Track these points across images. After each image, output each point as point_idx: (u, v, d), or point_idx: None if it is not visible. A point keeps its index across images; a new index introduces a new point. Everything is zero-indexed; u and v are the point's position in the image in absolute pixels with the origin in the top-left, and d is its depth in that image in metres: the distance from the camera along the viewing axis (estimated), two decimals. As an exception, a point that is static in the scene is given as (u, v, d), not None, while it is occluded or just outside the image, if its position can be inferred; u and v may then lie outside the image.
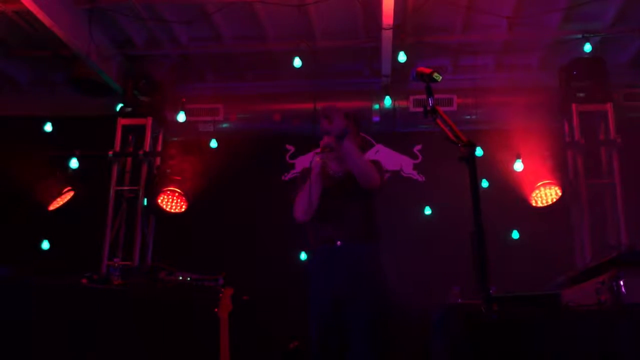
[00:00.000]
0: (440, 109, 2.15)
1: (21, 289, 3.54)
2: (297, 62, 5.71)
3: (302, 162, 6.52)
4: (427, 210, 6.22)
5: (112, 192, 5.91)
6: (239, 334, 3.92)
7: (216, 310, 3.82)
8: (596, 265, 2.36)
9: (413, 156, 6.44)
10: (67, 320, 3.61)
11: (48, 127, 6.19)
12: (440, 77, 2.22)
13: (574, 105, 5.73)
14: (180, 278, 4.39)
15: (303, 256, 6.05)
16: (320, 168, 3.13)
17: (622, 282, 2.03)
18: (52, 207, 5.70)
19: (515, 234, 5.95)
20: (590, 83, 5.72)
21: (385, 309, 3.00)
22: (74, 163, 5.83)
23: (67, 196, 5.76)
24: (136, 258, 5.66)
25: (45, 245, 5.90)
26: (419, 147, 6.44)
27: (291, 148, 6.55)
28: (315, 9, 5.51)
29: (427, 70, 2.27)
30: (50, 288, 3.68)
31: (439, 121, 2.14)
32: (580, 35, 5.67)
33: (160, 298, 3.99)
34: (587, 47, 5.61)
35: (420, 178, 6.40)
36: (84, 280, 4.01)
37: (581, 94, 5.73)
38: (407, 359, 4.92)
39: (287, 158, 6.55)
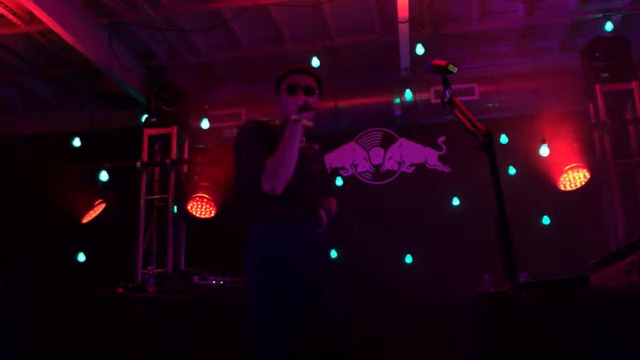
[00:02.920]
0: (458, 99, 2.15)
1: (52, 300, 3.64)
2: (315, 62, 5.74)
3: (326, 160, 6.53)
4: (455, 201, 6.20)
5: (142, 201, 6.03)
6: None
7: (250, 311, 3.87)
8: (626, 246, 2.33)
9: (437, 148, 6.42)
10: (105, 331, 3.70)
11: (76, 142, 6.34)
12: (456, 69, 2.23)
13: (597, 86, 5.64)
14: (214, 282, 4.46)
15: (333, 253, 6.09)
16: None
17: (652, 259, 2.01)
18: (85, 220, 5.83)
19: (546, 220, 5.90)
20: (614, 62, 5.62)
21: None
22: (104, 175, 5.96)
23: (99, 208, 5.88)
24: (169, 265, 5.77)
25: (81, 257, 6.04)
26: (442, 138, 6.42)
27: (316, 147, 6.56)
28: (330, 7, 5.54)
29: (443, 62, 2.28)
30: (86, 299, 3.77)
31: (457, 112, 2.15)
32: (600, 15, 5.59)
33: (195, 302, 4.06)
34: (609, 26, 5.52)
35: (446, 169, 6.38)
36: (120, 290, 4.11)
37: (605, 74, 5.63)
38: (439, 347, 4.94)
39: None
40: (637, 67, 5.66)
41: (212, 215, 5.90)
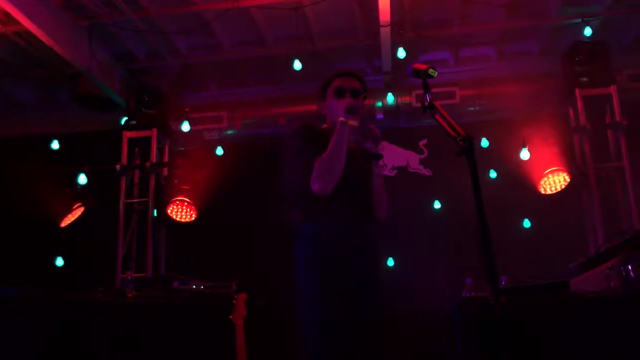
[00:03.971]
0: (438, 104, 2.14)
1: (31, 308, 3.58)
2: (297, 65, 5.72)
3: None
4: (437, 204, 6.22)
5: (121, 205, 5.95)
6: (255, 339, 3.94)
7: (231, 316, 3.84)
8: (605, 250, 2.34)
9: (419, 151, 6.43)
10: (83, 336, 3.64)
11: (55, 145, 6.25)
12: (436, 73, 2.23)
13: (577, 90, 5.68)
14: (194, 287, 4.41)
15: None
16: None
17: (630, 267, 2.01)
18: (63, 224, 5.74)
19: (526, 223, 5.93)
20: (593, 67, 5.67)
21: None
22: (82, 179, 5.88)
23: (78, 212, 5.80)
24: (149, 269, 5.71)
25: (59, 262, 5.96)
26: (424, 141, 6.44)
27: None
28: (312, 10, 5.53)
29: (423, 67, 2.28)
30: (63, 305, 3.71)
31: (437, 117, 2.14)
32: (579, 19, 5.64)
33: (174, 308, 4.01)
34: (587, 31, 5.58)
35: (428, 172, 6.39)
36: (99, 295, 4.04)
37: (584, 79, 5.68)
38: (419, 352, 4.93)
39: (294, 161, 6.55)
40: (616, 72, 5.72)
41: (193, 219, 5.85)
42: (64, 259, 5.98)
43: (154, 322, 3.88)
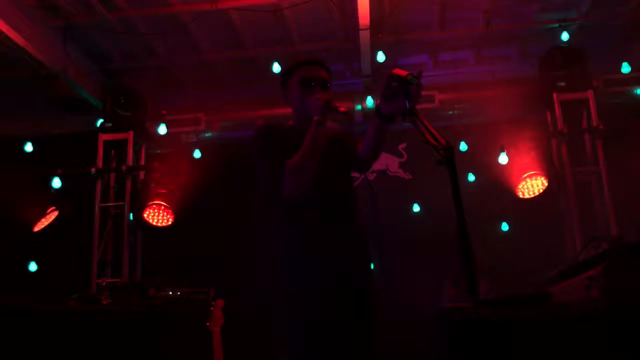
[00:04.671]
0: (419, 111, 2.12)
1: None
2: (276, 68, 5.68)
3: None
4: (416, 208, 6.22)
5: (97, 209, 5.84)
6: (233, 346, 3.89)
7: (208, 323, 3.78)
8: (585, 259, 2.34)
9: (398, 155, 6.42)
10: (55, 345, 3.56)
11: (28, 147, 6.12)
12: (416, 80, 2.20)
13: (555, 95, 5.72)
14: (170, 293, 4.33)
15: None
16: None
17: (610, 278, 2.01)
18: (37, 228, 5.62)
19: (504, 226, 5.96)
20: (570, 72, 5.71)
21: None
22: (56, 182, 5.76)
23: (52, 216, 5.67)
24: (125, 274, 5.61)
25: (33, 267, 5.83)
26: (403, 145, 6.44)
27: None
28: (291, 13, 5.50)
29: (403, 73, 2.26)
30: (35, 313, 3.63)
31: (417, 123, 2.12)
32: (557, 25, 5.68)
33: (150, 315, 3.94)
34: (565, 36, 5.62)
35: (407, 176, 6.39)
36: (72, 303, 3.95)
37: (562, 83, 5.72)
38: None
39: (273, 164, 6.50)
40: (592, 77, 5.77)
41: (170, 223, 5.75)
42: (37, 263, 5.85)
43: (128, 329, 3.80)
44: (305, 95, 2.56)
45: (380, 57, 5.59)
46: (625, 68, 5.59)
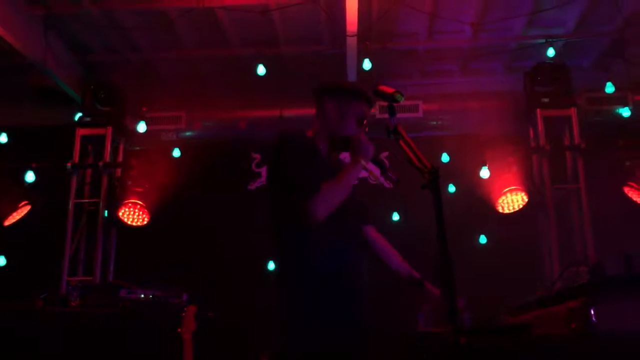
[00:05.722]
0: (404, 131, 2.07)
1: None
2: (261, 70, 5.61)
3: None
4: (395, 216, 6.19)
5: (71, 204, 5.70)
6: (204, 354, 3.81)
7: (179, 330, 3.70)
8: (566, 289, 2.32)
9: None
10: (23, 348, 3.45)
11: (3, 138, 5.96)
12: (402, 98, 2.16)
13: (538, 111, 5.73)
14: (142, 296, 4.24)
15: (270, 266, 5.95)
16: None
17: (592, 311, 1.99)
18: (7, 222, 5.48)
19: (482, 239, 5.96)
20: (554, 88, 5.73)
21: None
22: (30, 176, 5.61)
23: (24, 210, 5.55)
24: (97, 274, 5.48)
25: (1, 261, 5.68)
26: (385, 153, 6.39)
27: (257, 156, 6.45)
28: (279, 14, 5.43)
29: (390, 90, 2.21)
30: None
31: (401, 143, 2.07)
32: (543, 40, 5.70)
33: (120, 319, 3.85)
34: (550, 52, 5.64)
35: (388, 185, 6.35)
36: (40, 303, 3.84)
37: (545, 99, 5.74)
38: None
39: (253, 167, 6.44)
40: (576, 94, 5.79)
41: (145, 222, 5.65)
42: (6, 258, 5.70)
43: (97, 333, 3.70)
44: (358, 131, 2.62)
45: (367, 64, 5.55)
46: (610, 88, 5.61)
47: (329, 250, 2.44)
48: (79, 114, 5.96)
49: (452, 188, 6.00)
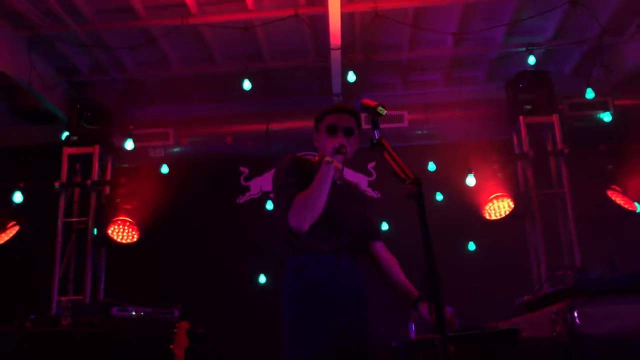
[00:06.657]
0: (387, 143, 2.12)
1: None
2: (247, 85, 5.66)
3: (257, 184, 6.46)
4: (384, 226, 6.23)
5: (60, 224, 5.69)
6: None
7: (171, 346, 3.70)
8: (551, 292, 2.36)
9: (367, 173, 6.44)
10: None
11: (-11, 160, 5.95)
12: (385, 112, 2.21)
13: (521, 118, 5.82)
14: (134, 313, 4.23)
15: (262, 279, 5.97)
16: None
17: (576, 314, 2.02)
18: (-4, 243, 5.46)
19: (471, 246, 6.02)
20: (536, 95, 5.82)
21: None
22: (18, 197, 5.60)
23: (12, 231, 5.52)
24: (87, 293, 5.47)
25: (-9, 283, 5.65)
26: (372, 164, 6.47)
27: (245, 170, 6.49)
28: (263, 30, 5.48)
29: (372, 103, 2.25)
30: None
31: (385, 155, 2.12)
32: (524, 49, 5.79)
33: (112, 338, 3.84)
34: (531, 60, 5.73)
35: (376, 195, 6.41)
36: (28, 324, 3.83)
37: (528, 106, 5.82)
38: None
39: (242, 180, 6.48)
40: (557, 101, 5.88)
41: (135, 240, 5.64)
42: (-5, 280, 5.68)
43: (89, 352, 3.70)
44: (328, 139, 2.74)
45: (351, 77, 5.61)
46: (590, 94, 5.71)
47: (314, 261, 2.60)
48: (66, 133, 5.97)
49: (439, 196, 6.07)
